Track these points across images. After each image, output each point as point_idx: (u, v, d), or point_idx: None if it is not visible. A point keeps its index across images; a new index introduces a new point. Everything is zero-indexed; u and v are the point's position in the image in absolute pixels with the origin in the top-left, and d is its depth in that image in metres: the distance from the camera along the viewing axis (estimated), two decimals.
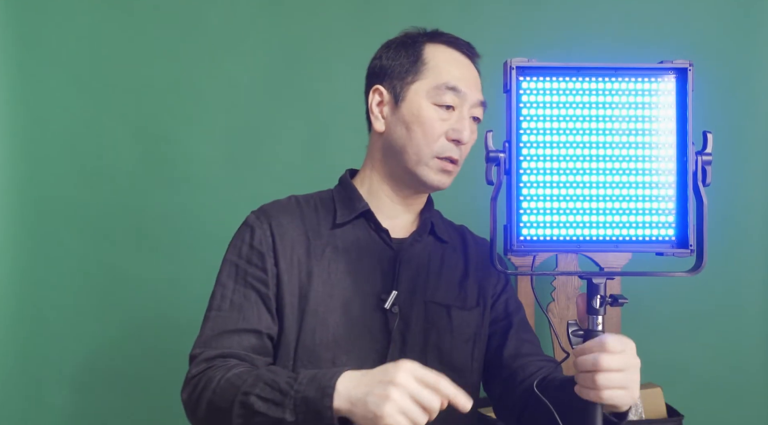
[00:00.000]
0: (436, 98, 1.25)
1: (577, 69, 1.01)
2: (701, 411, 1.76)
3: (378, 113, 1.30)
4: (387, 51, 1.33)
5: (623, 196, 1.01)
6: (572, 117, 1.01)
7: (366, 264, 1.27)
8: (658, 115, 1.01)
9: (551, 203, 1.01)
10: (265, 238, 1.25)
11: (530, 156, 1.00)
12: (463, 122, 1.26)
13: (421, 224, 1.33)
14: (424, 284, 1.29)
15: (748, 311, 1.83)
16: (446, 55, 1.29)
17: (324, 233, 1.28)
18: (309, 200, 1.34)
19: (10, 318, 1.91)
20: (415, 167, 1.26)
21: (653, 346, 1.81)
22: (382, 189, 1.32)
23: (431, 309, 1.28)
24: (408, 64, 1.28)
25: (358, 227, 1.29)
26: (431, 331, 1.27)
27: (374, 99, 1.30)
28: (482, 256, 1.37)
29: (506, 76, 1.00)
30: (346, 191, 1.33)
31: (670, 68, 1.01)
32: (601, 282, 1.03)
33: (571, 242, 1.01)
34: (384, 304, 1.24)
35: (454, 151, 1.25)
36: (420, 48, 1.29)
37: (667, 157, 1.01)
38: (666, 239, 1.02)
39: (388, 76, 1.30)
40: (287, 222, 1.27)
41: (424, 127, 1.25)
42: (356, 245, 1.28)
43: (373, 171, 1.32)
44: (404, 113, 1.26)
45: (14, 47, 1.88)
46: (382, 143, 1.30)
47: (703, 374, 1.83)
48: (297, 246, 1.26)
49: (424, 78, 1.27)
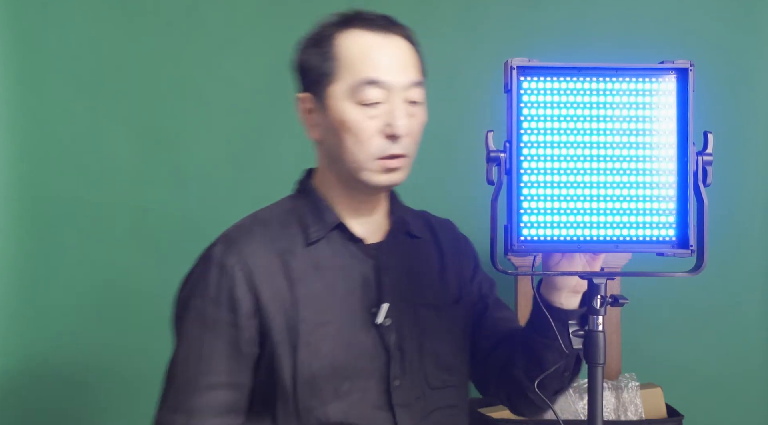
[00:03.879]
0: (357, 97, 1.13)
1: (578, 69, 1.00)
2: (701, 411, 1.76)
3: (309, 122, 1.20)
4: (301, 52, 1.21)
5: (624, 196, 1.01)
6: (573, 117, 1.00)
7: (349, 280, 1.18)
8: (658, 115, 1.01)
9: (552, 203, 1.00)
10: (239, 276, 1.13)
11: (531, 156, 1.00)
12: (394, 113, 1.14)
13: (394, 225, 1.25)
14: (410, 289, 1.23)
15: (748, 311, 1.83)
16: (359, 42, 1.16)
17: (299, 253, 1.18)
18: (273, 216, 1.22)
19: (10, 318, 1.91)
20: (357, 174, 1.16)
21: (653, 346, 1.81)
22: (341, 195, 1.21)
23: (422, 314, 1.22)
24: (321, 65, 1.16)
25: (332, 241, 1.19)
26: (425, 337, 1.22)
27: (302, 107, 1.20)
28: (451, 240, 1.32)
29: (507, 76, 1.00)
30: (312, 201, 1.21)
31: (671, 68, 1.00)
32: (602, 282, 1.03)
33: (572, 243, 1.01)
34: (375, 319, 1.17)
35: (393, 147, 1.14)
36: (330, 42, 1.17)
37: (668, 157, 1.01)
38: (666, 240, 1.02)
39: (307, 81, 1.19)
40: (260, 250, 1.16)
41: (351, 132, 1.13)
42: (335, 261, 1.19)
43: (328, 178, 1.22)
44: (330, 120, 1.15)
45: (14, 48, 1.88)
46: (323, 151, 1.21)
47: (703, 374, 1.83)
48: (275, 275, 1.15)
49: (340, 78, 1.15)
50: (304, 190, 1.25)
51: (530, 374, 1.17)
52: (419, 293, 1.24)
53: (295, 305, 1.14)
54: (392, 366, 1.17)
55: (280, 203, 1.26)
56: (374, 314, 1.17)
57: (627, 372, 1.64)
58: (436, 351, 1.22)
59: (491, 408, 1.61)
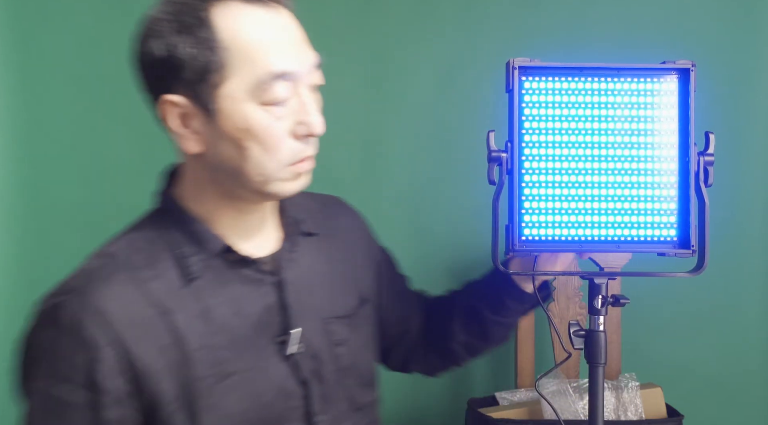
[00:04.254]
0: (263, 97, 0.90)
1: (580, 69, 1.01)
2: (701, 411, 1.76)
3: (185, 132, 0.92)
4: (157, 39, 0.90)
5: (625, 196, 1.01)
6: (574, 117, 1.01)
7: (248, 313, 0.97)
8: (660, 115, 1.01)
9: (553, 203, 1.01)
10: (104, 347, 0.87)
11: (532, 156, 1.01)
12: (306, 109, 0.93)
13: (287, 229, 1.05)
14: (318, 302, 1.05)
15: (748, 311, 1.82)
16: (247, 21, 0.90)
17: (179, 295, 0.93)
18: (132, 249, 0.95)
19: (10, 318, 1.91)
20: (263, 187, 0.94)
21: (654, 346, 1.81)
22: (223, 211, 0.98)
23: (334, 329, 1.06)
24: (202, 57, 0.88)
25: (218, 270, 0.96)
26: (343, 355, 1.06)
27: (170, 113, 0.92)
28: (343, 223, 1.16)
29: (509, 76, 1.00)
30: (184, 224, 0.97)
31: (673, 68, 1.01)
32: (603, 282, 1.03)
33: (573, 242, 1.01)
34: (286, 349, 0.99)
35: (308, 148, 0.95)
36: (207, 25, 0.88)
37: (669, 157, 1.01)
38: (668, 240, 1.02)
39: (176, 79, 0.90)
40: (125, 303, 0.90)
41: (259, 140, 0.90)
42: (226, 294, 0.96)
43: (204, 192, 0.97)
44: (226, 128, 0.90)
45: (14, 48, 1.88)
46: (207, 164, 0.95)
47: (703, 374, 1.83)
48: (153, 332, 0.90)
49: (235, 74, 0.89)
50: (168, 209, 0.99)
51: (472, 347, 1.24)
52: (328, 305, 1.07)
53: (186, 364, 0.92)
54: (313, 401, 1.01)
55: (135, 230, 0.99)
56: (283, 344, 0.99)
57: (627, 372, 1.64)
58: (356, 368, 1.09)
59: (491, 408, 1.61)
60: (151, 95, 0.95)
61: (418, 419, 1.83)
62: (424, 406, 1.83)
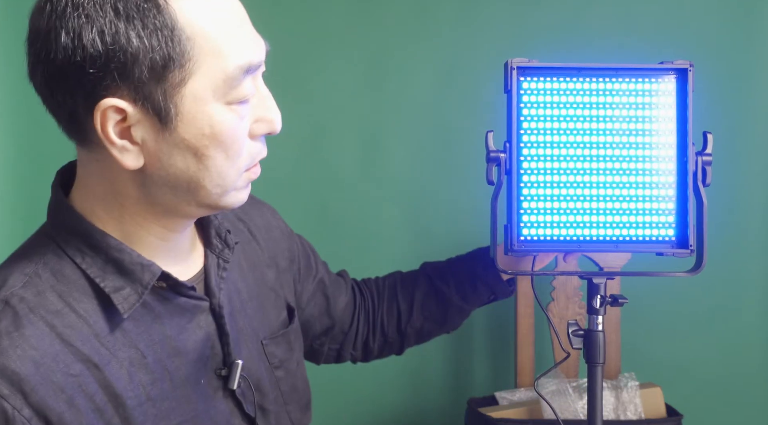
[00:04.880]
0: (230, 95, 0.75)
1: (578, 69, 1.01)
2: (701, 411, 1.76)
3: (124, 143, 0.74)
4: (91, 21, 0.69)
5: (623, 196, 1.02)
6: (573, 117, 1.01)
7: (186, 349, 0.83)
8: (658, 115, 1.01)
9: (552, 203, 1.01)
10: (24, 416, 0.70)
11: (531, 156, 1.01)
12: (266, 102, 0.81)
13: (213, 244, 0.90)
14: (252, 323, 0.94)
15: (748, 311, 1.83)
16: (208, 3, 0.74)
17: (108, 342, 0.77)
18: (42, 287, 0.76)
19: None
20: (218, 200, 0.80)
21: (653, 346, 1.81)
22: (150, 228, 0.81)
23: (270, 350, 0.96)
24: (157, 49, 0.70)
25: (146, 304, 0.80)
26: (279, 376, 0.97)
27: (108, 120, 0.73)
28: (259, 221, 1.03)
29: (507, 77, 1.00)
30: (99, 249, 0.78)
31: (671, 69, 1.01)
32: (601, 282, 1.03)
33: (572, 242, 1.01)
34: (228, 383, 0.87)
35: (263, 149, 0.83)
36: (162, 8, 0.71)
37: (668, 157, 1.01)
38: (666, 240, 1.02)
39: (121, 78, 0.71)
40: (47, 359, 0.72)
41: (225, 145, 0.76)
42: (160, 331, 0.81)
43: (123, 208, 0.79)
44: (186, 136, 0.74)
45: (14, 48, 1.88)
46: (142, 180, 0.77)
47: (703, 374, 1.83)
48: (89, 391, 0.74)
49: (198, 70, 0.73)
50: (75, 230, 0.78)
51: (423, 332, 1.21)
52: (262, 325, 0.96)
53: (126, 422, 0.78)
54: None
55: (34, 258, 0.78)
56: (225, 378, 0.87)
57: (626, 372, 1.64)
58: (296, 391, 1.00)
59: (491, 407, 1.61)
60: (77, 101, 0.73)
61: (418, 419, 1.83)
62: (424, 406, 1.83)
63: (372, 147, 1.81)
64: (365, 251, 1.80)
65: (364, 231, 1.82)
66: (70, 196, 0.82)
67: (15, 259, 0.80)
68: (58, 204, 0.81)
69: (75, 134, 0.78)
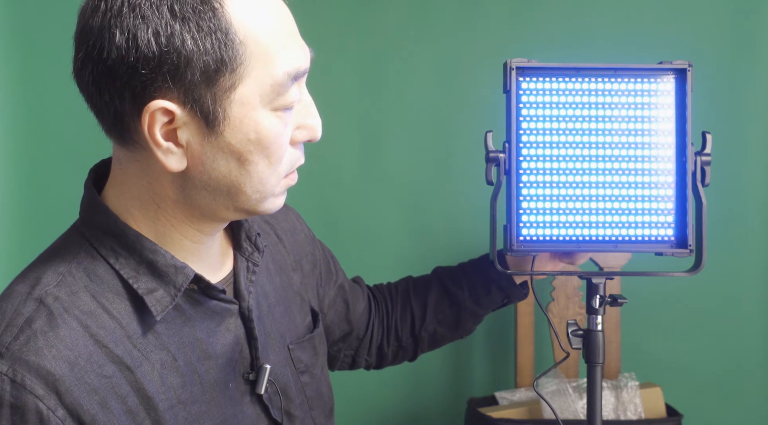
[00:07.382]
0: (277, 102, 0.75)
1: (577, 69, 1.01)
2: (701, 411, 1.76)
3: (169, 145, 0.74)
4: (147, 21, 0.69)
5: (622, 196, 1.02)
6: (572, 117, 1.01)
7: (216, 351, 0.83)
8: (657, 115, 1.02)
9: (551, 203, 1.01)
10: (59, 416, 0.70)
11: (530, 156, 1.01)
12: (310, 109, 0.82)
13: (243, 247, 0.90)
14: (280, 327, 0.94)
15: (747, 311, 1.83)
16: (260, 8, 0.74)
17: (141, 345, 0.77)
18: (75, 288, 0.76)
19: None
20: (257, 206, 0.80)
21: (653, 346, 1.81)
22: (183, 230, 0.81)
23: (296, 354, 0.96)
24: (211, 52, 0.70)
25: (178, 306, 0.81)
26: (305, 381, 0.96)
27: (156, 122, 0.72)
28: (291, 233, 1.04)
29: (506, 77, 1.00)
30: (134, 250, 0.78)
31: (670, 69, 1.01)
32: (601, 282, 1.03)
33: (571, 242, 1.02)
34: (256, 388, 0.87)
35: (302, 156, 0.84)
36: (217, 11, 0.70)
37: (667, 157, 1.02)
38: (665, 239, 1.02)
39: (173, 81, 0.70)
40: (81, 359, 0.72)
41: (269, 151, 0.76)
42: (191, 334, 0.81)
43: (161, 210, 0.79)
44: (232, 141, 0.74)
45: (14, 47, 1.88)
46: (182, 183, 0.78)
47: (703, 374, 1.83)
48: (122, 392, 0.75)
49: (248, 75, 0.73)
50: (109, 229, 0.79)
51: (438, 337, 1.20)
52: (289, 329, 0.96)
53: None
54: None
55: (68, 257, 0.79)
56: (252, 382, 0.87)
57: (626, 372, 1.64)
58: (320, 397, 0.99)
59: (491, 407, 1.61)
60: (124, 101, 0.73)
61: (418, 419, 1.83)
62: (424, 406, 1.83)
63: (372, 147, 1.81)
64: (365, 250, 1.80)
65: (364, 231, 1.82)
66: (102, 194, 0.82)
67: (47, 257, 0.80)
68: (92, 203, 0.81)
69: (117, 133, 0.77)
